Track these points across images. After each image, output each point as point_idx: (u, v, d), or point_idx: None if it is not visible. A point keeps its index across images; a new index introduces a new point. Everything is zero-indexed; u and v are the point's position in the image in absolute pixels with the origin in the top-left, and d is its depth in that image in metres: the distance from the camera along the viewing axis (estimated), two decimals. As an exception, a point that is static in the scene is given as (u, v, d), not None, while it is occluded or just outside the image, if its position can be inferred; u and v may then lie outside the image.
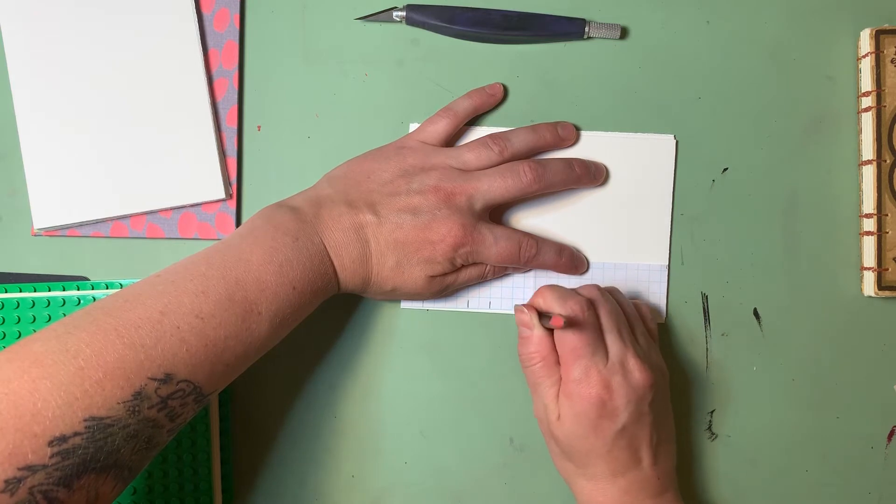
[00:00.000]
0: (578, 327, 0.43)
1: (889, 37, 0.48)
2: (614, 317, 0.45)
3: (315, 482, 0.50)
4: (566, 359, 0.43)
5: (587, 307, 0.43)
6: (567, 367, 0.43)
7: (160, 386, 0.35)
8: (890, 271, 0.48)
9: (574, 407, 0.43)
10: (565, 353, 0.43)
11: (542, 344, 0.44)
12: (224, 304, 0.38)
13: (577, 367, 0.43)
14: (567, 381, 0.43)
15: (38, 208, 0.49)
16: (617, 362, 0.43)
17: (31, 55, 0.48)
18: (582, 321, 0.43)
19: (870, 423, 0.50)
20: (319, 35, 0.50)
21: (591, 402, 0.42)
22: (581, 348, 0.43)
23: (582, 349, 0.43)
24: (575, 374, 0.43)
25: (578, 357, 0.43)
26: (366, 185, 0.44)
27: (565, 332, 0.43)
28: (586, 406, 0.43)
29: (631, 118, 0.50)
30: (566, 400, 0.43)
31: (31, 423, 0.31)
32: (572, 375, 0.43)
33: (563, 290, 0.45)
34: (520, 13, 0.49)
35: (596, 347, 0.43)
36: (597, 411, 0.43)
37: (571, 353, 0.43)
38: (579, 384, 0.43)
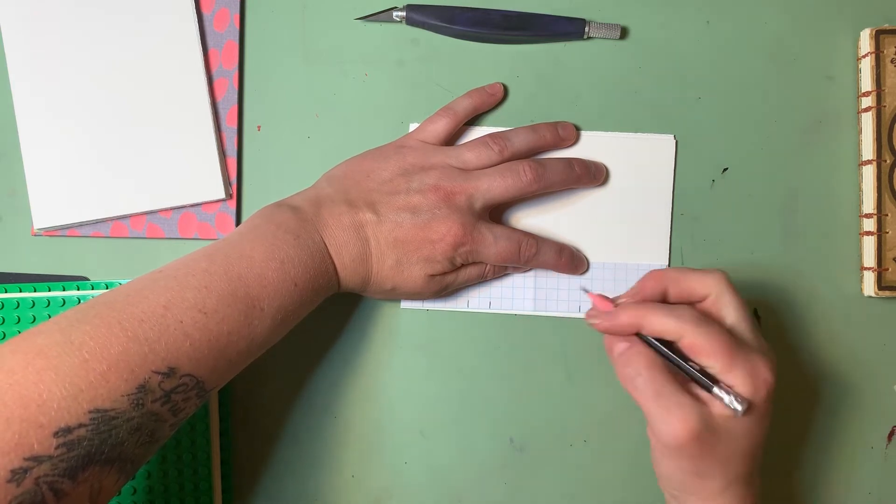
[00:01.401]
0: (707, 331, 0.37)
1: (889, 37, 0.48)
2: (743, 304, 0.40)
3: (315, 482, 0.50)
4: (722, 361, 0.37)
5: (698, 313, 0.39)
6: (729, 367, 0.37)
7: (164, 380, 0.35)
8: (890, 271, 0.48)
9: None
10: (720, 356, 0.37)
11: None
12: (227, 300, 0.38)
13: (738, 363, 0.37)
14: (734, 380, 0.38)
15: (38, 208, 0.49)
16: (760, 347, 0.39)
17: (31, 55, 0.48)
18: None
19: (870, 423, 0.50)
20: (319, 35, 0.50)
21: (766, 393, 0.37)
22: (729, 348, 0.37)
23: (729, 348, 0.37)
24: (740, 371, 0.37)
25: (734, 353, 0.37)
26: (365, 185, 0.45)
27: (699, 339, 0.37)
28: (760, 399, 0.38)
29: (631, 118, 0.50)
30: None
31: (36, 413, 0.31)
32: (738, 373, 0.37)
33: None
34: (520, 13, 0.49)
35: (739, 337, 0.38)
36: (766, 404, 0.38)
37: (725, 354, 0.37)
38: (747, 380, 0.37)
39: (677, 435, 0.37)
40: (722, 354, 0.37)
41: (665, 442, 0.37)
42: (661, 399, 0.37)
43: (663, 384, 0.37)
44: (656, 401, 0.37)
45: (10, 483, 0.30)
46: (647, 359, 0.38)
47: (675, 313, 0.38)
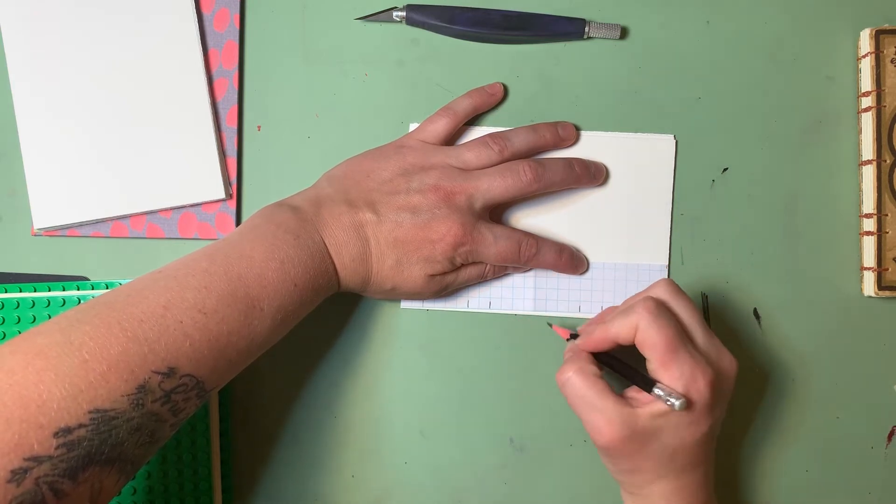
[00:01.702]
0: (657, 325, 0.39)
1: (889, 37, 0.48)
2: (693, 308, 0.42)
3: (315, 482, 0.50)
4: (662, 357, 0.40)
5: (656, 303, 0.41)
6: (666, 365, 0.40)
7: (164, 380, 0.35)
8: (890, 271, 0.48)
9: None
10: (660, 349, 0.39)
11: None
12: (226, 300, 0.38)
13: (677, 363, 0.39)
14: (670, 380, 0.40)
15: (38, 208, 0.49)
16: (709, 354, 0.41)
17: (31, 55, 0.48)
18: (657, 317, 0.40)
19: (870, 423, 0.50)
20: (319, 35, 0.50)
21: (699, 399, 0.39)
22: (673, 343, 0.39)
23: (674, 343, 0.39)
24: (676, 371, 0.39)
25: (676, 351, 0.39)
26: (365, 184, 0.45)
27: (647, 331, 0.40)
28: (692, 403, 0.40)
29: (631, 118, 0.50)
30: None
31: (36, 413, 0.31)
32: (674, 373, 0.39)
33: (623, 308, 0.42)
34: (520, 13, 0.49)
35: (686, 339, 0.40)
36: (701, 409, 0.40)
37: (666, 349, 0.39)
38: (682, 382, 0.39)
39: (603, 435, 0.40)
40: (664, 349, 0.39)
41: (595, 443, 0.41)
42: (586, 403, 0.40)
43: (588, 388, 0.40)
44: (582, 404, 0.41)
45: (10, 483, 0.30)
46: (577, 364, 0.41)
47: (629, 311, 0.41)
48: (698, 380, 0.39)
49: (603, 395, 0.40)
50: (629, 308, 0.41)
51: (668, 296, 0.42)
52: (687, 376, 0.39)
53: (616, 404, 0.40)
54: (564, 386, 0.42)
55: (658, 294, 0.42)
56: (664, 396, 0.39)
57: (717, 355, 0.41)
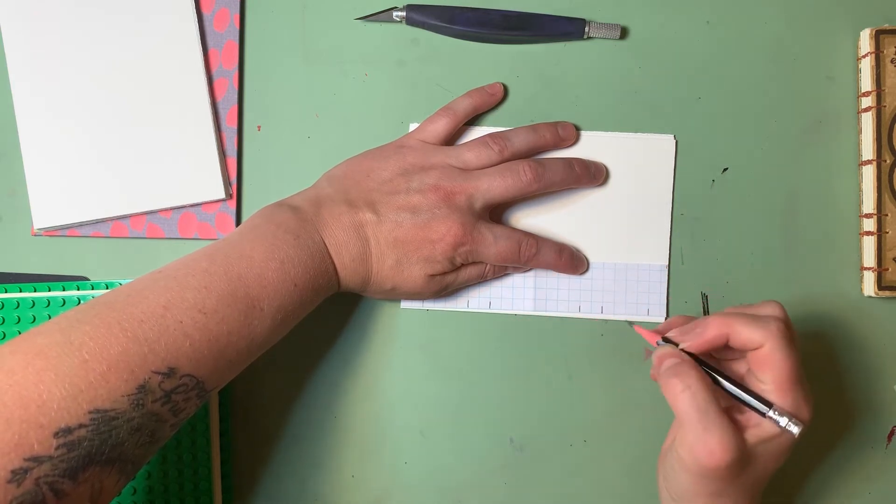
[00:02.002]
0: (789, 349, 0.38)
1: (889, 37, 0.48)
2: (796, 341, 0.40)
3: (315, 482, 0.50)
4: (786, 383, 0.38)
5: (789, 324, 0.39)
6: (787, 392, 0.38)
7: (164, 380, 0.35)
8: (890, 271, 0.48)
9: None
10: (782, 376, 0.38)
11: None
12: (226, 300, 0.38)
13: (797, 393, 0.38)
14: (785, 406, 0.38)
15: (38, 208, 0.49)
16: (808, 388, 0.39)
17: (31, 55, 0.48)
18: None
19: (870, 423, 0.50)
20: (319, 35, 0.50)
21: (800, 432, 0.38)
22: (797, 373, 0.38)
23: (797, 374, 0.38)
24: (791, 401, 0.38)
25: (798, 380, 0.38)
26: (365, 184, 0.45)
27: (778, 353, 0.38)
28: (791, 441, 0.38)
29: (631, 118, 0.50)
30: None
31: (36, 413, 0.31)
32: (788, 401, 0.38)
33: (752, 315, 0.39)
34: (520, 13, 0.49)
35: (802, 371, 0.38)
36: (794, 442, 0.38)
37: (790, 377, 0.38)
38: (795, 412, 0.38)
39: (714, 457, 0.36)
40: (787, 376, 0.37)
41: (699, 461, 0.37)
42: (705, 417, 0.37)
43: (709, 403, 0.37)
44: (699, 418, 0.37)
45: (10, 483, 0.30)
46: (698, 374, 0.38)
47: (761, 324, 0.38)
48: (804, 413, 0.38)
49: (721, 413, 0.37)
50: (759, 319, 0.39)
51: (788, 321, 0.40)
52: (800, 408, 0.38)
53: (731, 426, 0.37)
54: (680, 395, 0.38)
55: (780, 317, 0.40)
56: (782, 421, 0.37)
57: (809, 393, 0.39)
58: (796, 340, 0.39)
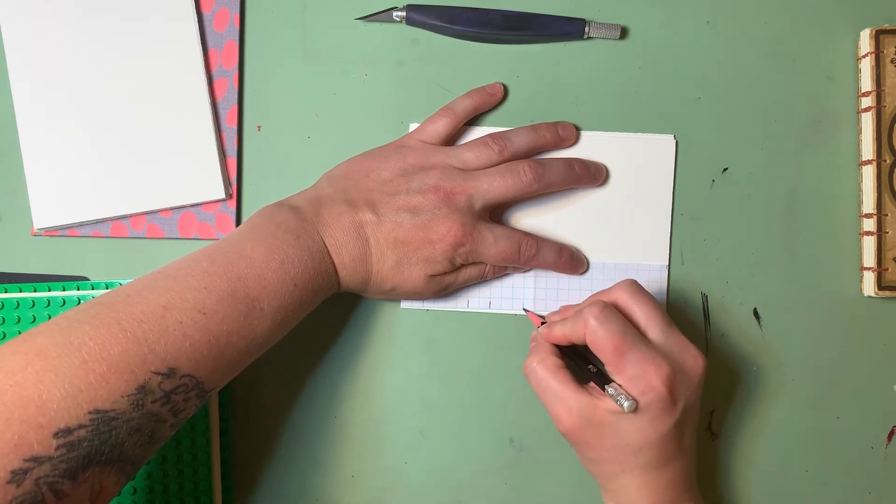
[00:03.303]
0: (604, 328, 0.40)
1: (889, 37, 0.48)
2: (652, 306, 0.42)
3: (315, 482, 0.50)
4: (612, 359, 0.40)
5: (602, 306, 0.41)
6: (618, 366, 0.40)
7: (163, 380, 0.35)
8: (890, 271, 0.48)
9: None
10: (608, 352, 0.40)
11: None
12: (226, 300, 0.38)
13: (629, 364, 0.40)
14: (624, 380, 0.41)
15: (38, 208, 0.49)
16: (670, 351, 0.41)
17: (31, 54, 0.48)
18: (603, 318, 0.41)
19: (870, 423, 0.50)
20: (319, 35, 0.50)
21: (654, 397, 0.40)
22: (622, 345, 0.40)
23: (623, 345, 0.40)
24: (629, 371, 0.40)
25: (624, 353, 0.40)
26: (365, 184, 0.45)
27: (594, 336, 0.40)
28: (648, 401, 0.40)
29: (631, 118, 0.50)
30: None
31: (36, 414, 0.31)
32: (627, 374, 0.40)
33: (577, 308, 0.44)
34: (520, 13, 0.49)
35: (637, 339, 0.41)
36: (658, 405, 0.40)
37: (614, 352, 0.40)
38: (636, 381, 0.40)
39: (561, 423, 0.42)
40: (612, 352, 0.40)
41: (558, 430, 0.43)
42: (549, 392, 0.42)
43: (551, 379, 0.42)
44: (546, 393, 0.42)
45: (10, 484, 0.30)
46: (541, 355, 0.43)
47: (577, 318, 0.42)
48: (651, 378, 0.40)
49: (564, 384, 0.42)
50: (578, 313, 0.42)
51: (627, 295, 0.43)
52: (639, 376, 0.40)
53: (576, 394, 0.41)
54: (529, 376, 0.43)
55: (616, 294, 0.43)
56: (615, 397, 0.40)
57: (679, 351, 0.42)
58: (638, 309, 0.42)
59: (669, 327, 0.42)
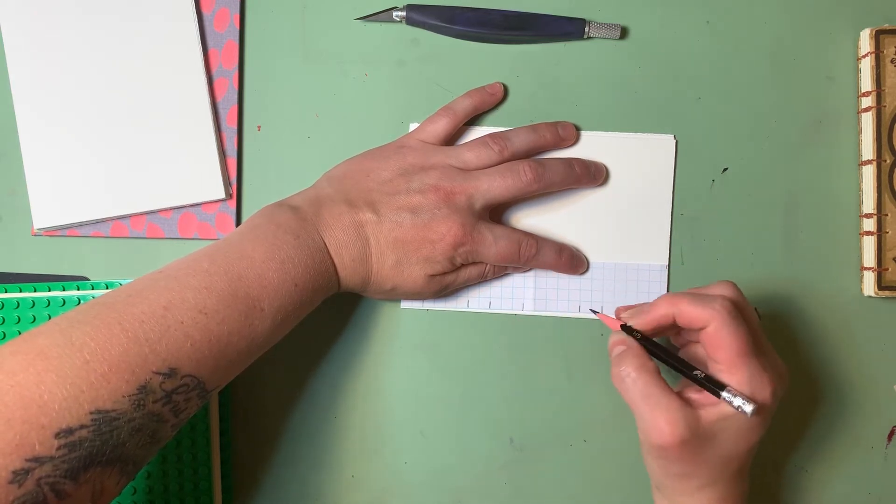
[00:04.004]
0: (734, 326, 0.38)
1: (889, 37, 0.48)
2: (754, 317, 0.41)
3: (315, 482, 0.50)
4: (733, 359, 0.38)
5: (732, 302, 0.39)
6: (737, 368, 0.38)
7: (165, 380, 0.35)
8: (890, 271, 0.48)
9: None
10: (731, 352, 0.38)
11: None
12: (227, 300, 0.38)
13: (747, 369, 0.38)
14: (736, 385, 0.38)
15: (38, 208, 0.49)
16: (771, 360, 0.40)
17: (31, 55, 0.48)
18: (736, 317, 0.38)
19: (870, 423, 0.50)
20: (319, 35, 0.50)
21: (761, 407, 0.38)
22: (747, 347, 0.38)
23: (748, 348, 0.38)
24: (743, 376, 0.38)
25: (747, 357, 0.38)
26: (365, 184, 0.45)
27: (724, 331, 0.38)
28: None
29: (631, 118, 0.50)
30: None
31: (37, 414, 0.31)
32: (740, 378, 0.38)
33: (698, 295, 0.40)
34: (520, 13, 0.49)
35: (755, 345, 0.39)
36: (761, 417, 0.38)
37: (738, 353, 0.38)
38: (748, 387, 0.38)
39: (664, 436, 0.38)
40: (736, 354, 0.38)
41: (652, 442, 0.39)
42: (649, 400, 0.38)
43: (652, 386, 0.38)
44: (644, 402, 0.38)
45: (11, 484, 0.30)
46: (638, 360, 0.39)
47: (706, 302, 0.39)
48: (765, 387, 0.38)
49: (667, 393, 0.38)
50: (704, 298, 0.39)
51: (737, 298, 0.40)
52: (755, 382, 0.38)
53: (680, 404, 0.38)
54: (623, 382, 0.39)
55: (727, 295, 0.40)
56: (735, 401, 0.37)
57: (774, 362, 0.40)
58: (750, 317, 0.40)
59: (766, 339, 0.41)
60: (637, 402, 0.39)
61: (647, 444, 0.40)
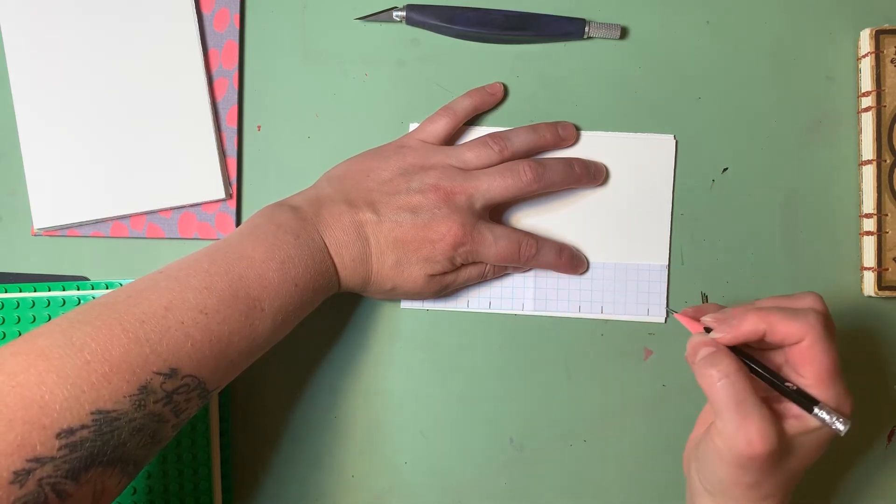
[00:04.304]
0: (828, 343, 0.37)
1: (889, 37, 0.48)
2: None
3: (315, 482, 0.50)
4: (824, 377, 0.37)
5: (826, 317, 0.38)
6: (828, 386, 0.37)
7: (165, 380, 0.35)
8: (890, 271, 0.48)
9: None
10: (824, 369, 0.37)
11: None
12: (228, 301, 0.38)
13: (835, 388, 0.37)
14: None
15: (38, 208, 0.49)
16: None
17: (31, 55, 0.48)
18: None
19: (870, 423, 0.50)
20: (319, 35, 0.50)
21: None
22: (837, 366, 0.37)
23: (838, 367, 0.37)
24: (830, 395, 0.37)
25: (836, 375, 0.37)
26: (365, 184, 0.45)
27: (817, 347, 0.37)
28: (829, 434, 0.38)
29: (631, 118, 0.50)
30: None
31: (39, 415, 0.31)
32: (828, 397, 0.37)
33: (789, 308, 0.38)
34: (520, 13, 0.49)
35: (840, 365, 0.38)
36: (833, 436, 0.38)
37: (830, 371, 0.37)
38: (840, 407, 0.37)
39: (753, 447, 0.36)
40: (828, 371, 0.37)
41: (738, 451, 0.36)
42: (742, 407, 0.36)
43: (747, 392, 0.36)
44: (737, 408, 0.36)
45: (12, 484, 0.30)
46: (735, 364, 0.37)
47: (799, 317, 0.37)
48: (845, 407, 0.37)
49: (759, 403, 0.36)
50: (796, 312, 0.38)
51: (827, 313, 0.39)
52: (841, 402, 0.37)
53: (771, 416, 0.36)
54: (715, 385, 0.37)
55: (818, 309, 0.39)
56: (828, 418, 0.36)
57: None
58: (834, 333, 0.38)
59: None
60: (729, 407, 0.36)
61: (731, 452, 0.37)
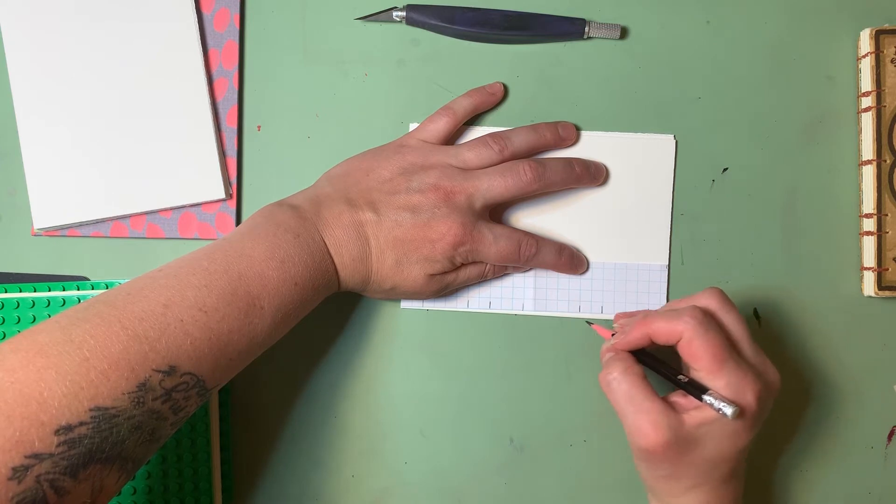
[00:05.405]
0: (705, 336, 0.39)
1: (889, 37, 0.48)
2: (741, 319, 0.41)
3: (315, 482, 0.50)
4: (709, 366, 0.39)
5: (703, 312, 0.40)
6: (715, 375, 0.39)
7: (164, 378, 0.35)
8: (890, 271, 0.48)
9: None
10: (706, 359, 0.39)
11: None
12: (227, 299, 0.38)
13: (725, 374, 0.39)
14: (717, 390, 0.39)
15: (38, 208, 0.49)
16: (756, 366, 0.40)
17: (30, 55, 0.49)
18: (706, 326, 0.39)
19: (870, 423, 0.50)
20: (319, 35, 0.50)
21: (745, 411, 0.39)
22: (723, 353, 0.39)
23: (724, 354, 0.39)
24: (723, 382, 0.39)
25: (723, 362, 0.39)
26: (365, 184, 0.45)
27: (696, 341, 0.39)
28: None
29: (631, 118, 0.50)
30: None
31: (37, 411, 0.31)
32: (720, 384, 0.39)
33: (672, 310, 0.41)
34: (520, 13, 0.49)
35: (732, 350, 0.39)
36: (747, 420, 0.39)
37: (714, 360, 0.39)
38: (729, 392, 0.39)
39: (648, 438, 0.39)
40: (711, 359, 0.39)
41: (637, 444, 0.40)
42: (632, 403, 0.39)
43: (636, 389, 0.39)
44: (629, 405, 0.39)
45: (11, 481, 0.30)
46: (623, 365, 0.40)
47: (676, 316, 0.40)
48: (746, 391, 0.39)
49: (650, 397, 0.39)
50: (675, 312, 0.40)
51: (717, 305, 0.41)
52: (734, 386, 0.39)
53: (663, 408, 0.39)
54: (609, 385, 0.40)
55: (705, 303, 0.41)
56: (716, 404, 0.38)
57: (763, 368, 0.41)
58: (731, 323, 0.41)
59: (754, 342, 0.41)
60: (622, 405, 0.40)
61: (634, 447, 0.41)
